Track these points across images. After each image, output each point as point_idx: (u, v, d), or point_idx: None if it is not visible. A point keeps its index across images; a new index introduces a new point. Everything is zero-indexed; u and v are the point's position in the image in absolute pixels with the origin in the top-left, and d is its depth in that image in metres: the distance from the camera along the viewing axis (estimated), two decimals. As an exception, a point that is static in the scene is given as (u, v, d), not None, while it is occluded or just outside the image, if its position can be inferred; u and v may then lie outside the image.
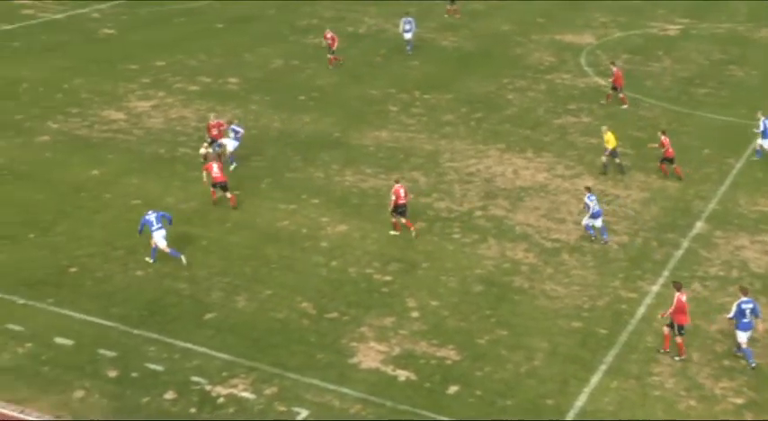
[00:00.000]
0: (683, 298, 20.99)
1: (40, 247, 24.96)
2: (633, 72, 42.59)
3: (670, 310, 21.07)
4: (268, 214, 27.58)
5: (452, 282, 24.32)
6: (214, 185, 27.49)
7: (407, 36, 44.43)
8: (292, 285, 23.77)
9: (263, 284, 23.76)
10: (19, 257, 24.37)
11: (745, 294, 20.97)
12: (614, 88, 38.20)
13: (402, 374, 20.38)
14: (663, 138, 30.94)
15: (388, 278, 24.32)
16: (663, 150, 30.81)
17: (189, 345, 21.00)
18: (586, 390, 20.08)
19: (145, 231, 24.28)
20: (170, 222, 24.71)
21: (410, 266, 24.96)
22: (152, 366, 20.21)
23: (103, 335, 21.25)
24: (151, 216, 24.32)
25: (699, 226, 27.84)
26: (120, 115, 35.22)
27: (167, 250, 24.25)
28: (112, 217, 26.85)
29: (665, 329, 21.25)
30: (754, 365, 20.79)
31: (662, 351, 21.32)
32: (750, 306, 20.69)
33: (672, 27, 51.42)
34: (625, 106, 37.82)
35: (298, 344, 21.29)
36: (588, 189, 26.88)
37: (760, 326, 20.96)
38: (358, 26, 50.05)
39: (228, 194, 27.56)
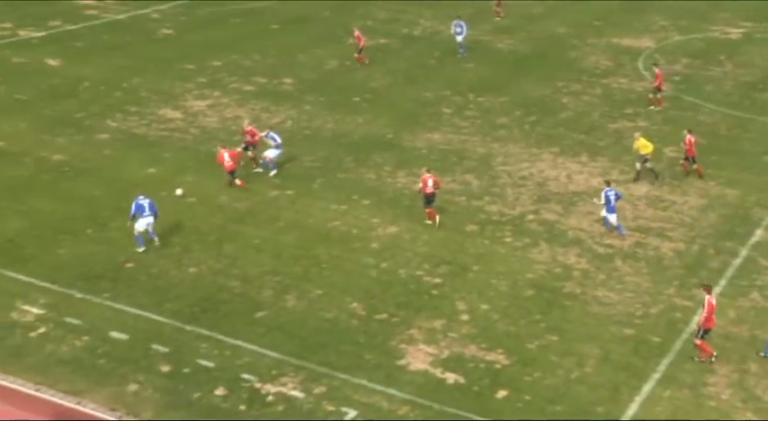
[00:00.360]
0: (713, 301, 20.73)
1: (98, 242, 25.47)
2: (693, 76, 41.84)
3: (705, 316, 20.66)
4: (319, 214, 27.74)
5: (503, 285, 24.16)
6: (231, 174, 28.43)
7: (459, 39, 44.33)
8: (342, 285, 23.87)
9: (314, 284, 23.90)
10: (78, 252, 24.91)
11: None
12: (657, 90, 37.76)
13: (450, 377, 20.31)
14: (688, 137, 30.62)
15: (437, 280, 24.27)
16: (686, 149, 30.65)
17: (239, 343, 21.22)
18: (638, 399, 19.76)
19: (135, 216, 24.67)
20: (156, 214, 24.92)
21: (460, 269, 24.87)
22: (203, 362, 20.48)
23: (157, 330, 21.60)
24: (144, 201, 24.73)
25: (759, 234, 27.18)
26: (177, 114, 35.77)
27: (152, 235, 24.99)
28: (167, 214, 27.23)
29: (697, 340, 20.93)
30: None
31: (713, 360, 20.88)
32: None
33: (734, 31, 50.34)
34: (660, 107, 37.44)
35: (346, 345, 21.37)
36: (608, 183, 27.02)
37: None
38: (413, 28, 50.05)
39: (238, 181, 28.64)
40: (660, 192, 29.78)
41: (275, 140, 30.30)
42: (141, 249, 24.89)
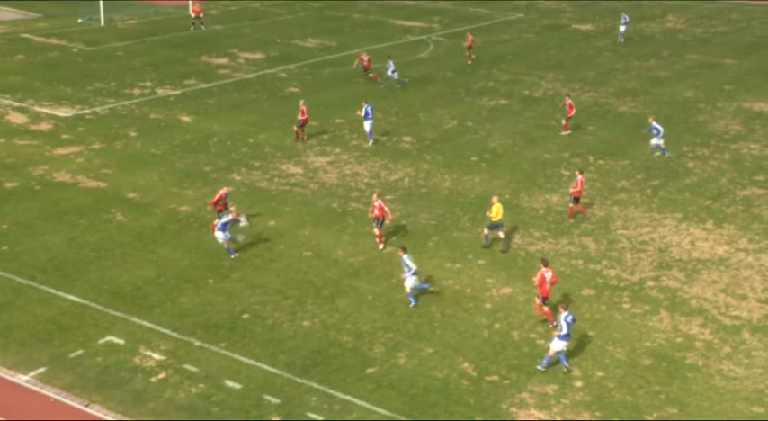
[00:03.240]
0: (548, 274, 23.97)
1: (218, 293, 26.28)
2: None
3: (536, 282, 24.16)
4: (434, 272, 27.74)
5: (619, 353, 23.39)
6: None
7: (390, 73, 48.73)
8: (454, 345, 23.68)
9: (425, 342, 23.81)
10: (199, 301, 25.75)
11: (566, 309, 22.40)
12: None
13: (562, 446, 19.69)
14: (579, 177, 31.71)
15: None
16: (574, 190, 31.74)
17: (349, 398, 21.28)
18: (764, 482, 18.59)
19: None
20: (222, 230, 27.91)
21: (576, 334, 24.24)
22: (313, 416, 20.62)
23: (269, 381, 21.95)
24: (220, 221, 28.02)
25: None
26: (298, 169, 36.80)
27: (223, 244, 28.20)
28: (285, 266, 27.91)
29: (537, 303, 24.48)
30: (541, 368, 22.48)
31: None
32: (569, 318, 22.28)
33: None
34: None
35: (456, 405, 21.10)
36: (404, 249, 25.60)
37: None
38: (534, 90, 50.08)
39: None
40: (792, 263, 28.33)
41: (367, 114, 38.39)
42: (232, 257, 28.22)
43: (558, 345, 22.35)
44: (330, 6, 77.20)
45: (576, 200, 31.83)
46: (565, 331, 22.19)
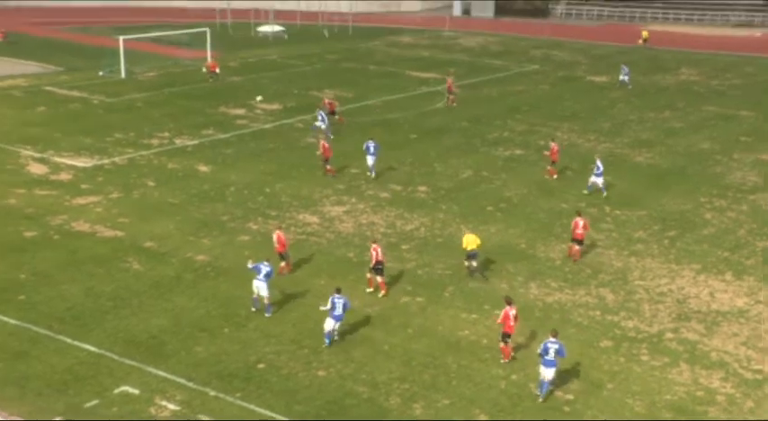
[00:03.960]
0: (511, 312, 24.41)
1: (234, 342, 26.20)
2: None
3: (500, 322, 24.65)
4: (449, 322, 27.59)
5: (639, 406, 23.05)
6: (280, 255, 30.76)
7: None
8: (470, 396, 23.42)
9: (442, 393, 23.58)
10: (214, 350, 25.66)
11: (554, 336, 23.03)
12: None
13: None
14: (577, 219, 32.32)
15: (569, 397, 23.44)
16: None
17: (364, 450, 21.05)
18: None
19: (252, 275, 27.45)
20: (268, 278, 27.39)
21: (594, 386, 23.96)
22: (328, 468, 20.38)
23: (284, 432, 21.76)
24: (263, 266, 27.30)
25: None
26: (315, 219, 36.93)
27: (265, 300, 27.40)
28: (301, 316, 27.84)
29: (501, 344, 24.79)
30: (541, 400, 22.91)
31: (504, 361, 24.82)
32: (556, 346, 22.83)
33: None
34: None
35: (473, 459, 20.79)
36: (338, 290, 25.90)
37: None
38: (549, 140, 50.21)
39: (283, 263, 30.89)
40: (813, 315, 28.00)
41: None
42: (252, 309, 27.66)
43: (544, 372, 22.87)
44: (346, 58, 78.27)
45: (578, 242, 32.22)
46: (550, 357, 22.73)
